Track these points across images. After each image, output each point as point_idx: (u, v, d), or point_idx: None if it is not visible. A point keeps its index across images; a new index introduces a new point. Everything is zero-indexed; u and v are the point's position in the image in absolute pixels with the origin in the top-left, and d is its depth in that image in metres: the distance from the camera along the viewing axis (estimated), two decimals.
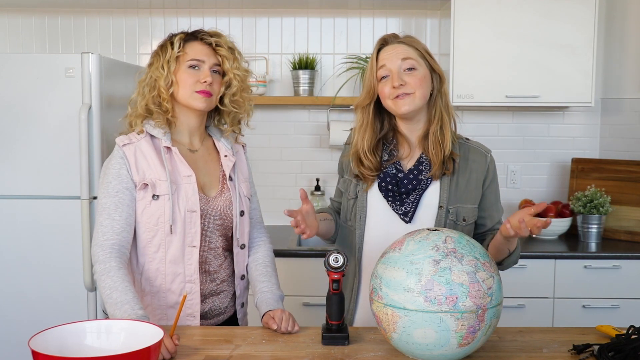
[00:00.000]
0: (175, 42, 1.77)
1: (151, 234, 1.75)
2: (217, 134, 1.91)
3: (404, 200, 1.77)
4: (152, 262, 1.76)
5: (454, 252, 1.40)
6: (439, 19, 3.44)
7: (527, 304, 2.91)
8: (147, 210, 1.74)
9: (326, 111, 3.47)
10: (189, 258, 1.77)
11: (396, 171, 1.79)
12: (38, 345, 1.23)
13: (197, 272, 1.78)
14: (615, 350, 1.46)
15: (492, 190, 1.83)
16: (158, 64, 1.77)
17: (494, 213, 1.86)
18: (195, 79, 1.76)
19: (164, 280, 1.76)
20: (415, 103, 1.72)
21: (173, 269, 1.76)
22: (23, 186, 2.66)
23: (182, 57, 1.77)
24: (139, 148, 1.76)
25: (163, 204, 1.73)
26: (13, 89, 2.63)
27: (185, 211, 1.75)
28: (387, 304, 1.41)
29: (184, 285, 1.77)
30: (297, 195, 3.47)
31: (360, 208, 1.82)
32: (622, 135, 3.35)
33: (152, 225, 1.74)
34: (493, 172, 1.83)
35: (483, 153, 1.82)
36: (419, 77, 1.72)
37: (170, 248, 1.75)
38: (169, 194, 1.73)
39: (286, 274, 2.94)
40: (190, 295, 1.78)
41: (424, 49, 1.76)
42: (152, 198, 1.73)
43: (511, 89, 3.09)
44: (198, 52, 1.78)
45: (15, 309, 2.67)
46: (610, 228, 3.19)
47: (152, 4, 3.38)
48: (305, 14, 3.46)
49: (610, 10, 3.37)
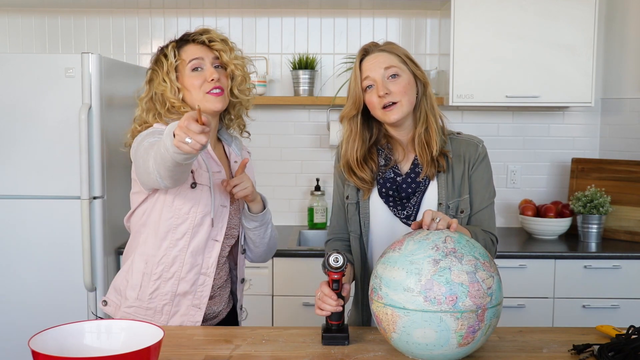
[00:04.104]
0: (170, 52, 1.77)
1: (179, 221, 1.74)
2: (228, 139, 1.92)
3: (404, 205, 1.77)
4: (174, 248, 1.76)
5: (454, 251, 1.40)
6: (439, 19, 3.44)
7: (527, 304, 2.91)
8: (182, 197, 1.73)
9: (326, 111, 3.47)
10: (209, 251, 1.78)
11: (394, 175, 1.78)
12: (38, 345, 1.23)
13: (215, 265, 1.79)
14: (615, 350, 1.46)
15: (477, 176, 1.78)
16: (158, 79, 1.77)
17: (473, 200, 1.78)
18: (201, 79, 1.76)
19: (181, 268, 1.76)
20: (403, 110, 1.72)
21: (192, 259, 1.76)
22: (23, 186, 2.66)
23: (180, 64, 1.77)
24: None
25: (200, 194, 1.73)
26: (13, 89, 2.63)
27: (219, 205, 1.76)
28: (387, 304, 1.41)
29: (198, 276, 1.78)
30: (298, 195, 3.52)
31: (364, 214, 1.81)
32: (622, 135, 3.35)
33: (183, 213, 1.73)
34: (482, 158, 1.79)
35: (475, 143, 1.80)
36: (403, 84, 1.72)
37: (195, 238, 1.75)
38: (209, 185, 1.74)
39: (286, 274, 2.94)
40: (202, 287, 1.79)
41: (404, 54, 1.75)
42: (190, 186, 1.73)
43: (511, 89, 3.09)
44: (194, 52, 1.77)
45: (15, 309, 2.67)
46: (610, 228, 3.19)
47: (152, 4, 3.38)
48: (305, 14, 3.47)
49: (610, 10, 3.37)
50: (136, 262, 1.79)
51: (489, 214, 1.79)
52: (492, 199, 1.80)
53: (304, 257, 2.94)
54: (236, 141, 1.94)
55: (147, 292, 1.77)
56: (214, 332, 1.72)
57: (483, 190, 1.78)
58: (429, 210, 1.53)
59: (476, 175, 1.78)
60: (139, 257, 1.79)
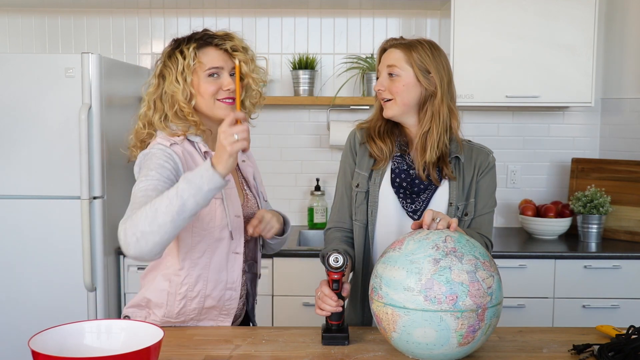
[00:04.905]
0: (189, 53, 1.66)
1: (197, 239, 1.68)
2: None
3: (414, 199, 1.78)
4: (195, 267, 1.69)
5: (454, 251, 1.40)
6: (439, 19, 3.44)
7: (527, 304, 2.91)
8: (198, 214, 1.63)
9: (326, 111, 3.47)
10: (232, 264, 1.73)
11: (407, 167, 1.79)
12: (38, 345, 1.23)
13: (240, 278, 1.75)
14: (615, 350, 1.46)
15: (484, 183, 1.81)
16: (171, 77, 1.67)
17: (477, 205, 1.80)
18: (216, 87, 1.68)
19: (205, 286, 1.71)
20: (395, 109, 1.75)
21: (216, 276, 1.71)
22: (23, 186, 2.66)
23: (198, 67, 1.67)
24: (185, 149, 1.67)
25: (214, 208, 1.66)
26: (13, 89, 2.63)
27: (234, 216, 1.70)
28: (387, 303, 1.41)
29: (224, 292, 1.74)
30: (298, 195, 3.52)
31: (372, 203, 1.81)
32: (622, 135, 3.35)
33: (200, 230, 1.67)
34: (491, 167, 1.83)
35: (486, 152, 1.85)
36: (398, 84, 1.74)
37: (215, 254, 1.70)
38: (222, 198, 1.67)
39: (286, 274, 2.94)
40: (229, 301, 1.75)
41: (417, 57, 1.75)
42: None
43: (511, 89, 3.09)
44: (215, 59, 1.69)
45: (15, 309, 2.67)
46: (610, 228, 3.19)
47: (152, 4, 3.38)
48: (305, 14, 3.47)
49: (610, 10, 3.37)
50: (158, 282, 1.73)
51: (488, 220, 1.82)
52: (493, 208, 1.84)
53: (304, 257, 2.94)
54: None
55: (174, 311, 1.73)
56: (214, 332, 1.72)
57: (487, 197, 1.81)
58: (429, 210, 1.53)
59: (483, 182, 1.81)
60: (161, 277, 1.73)
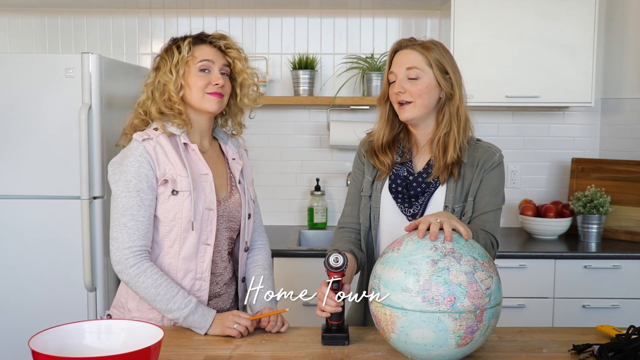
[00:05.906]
0: (184, 46, 1.78)
1: (167, 229, 1.76)
2: (224, 137, 1.94)
3: (412, 203, 1.79)
4: (166, 255, 1.77)
5: (452, 252, 1.40)
6: (439, 19, 3.44)
7: (527, 304, 2.92)
8: (165, 205, 1.75)
9: (326, 111, 3.47)
10: (202, 255, 1.78)
11: (407, 174, 1.81)
12: (38, 345, 1.23)
13: (209, 270, 1.80)
14: (615, 350, 1.46)
15: (488, 179, 1.78)
16: (165, 68, 1.78)
17: (480, 201, 1.78)
18: (206, 81, 1.78)
19: (175, 275, 1.77)
20: (415, 112, 1.75)
21: (185, 265, 1.77)
22: (23, 186, 2.66)
23: (191, 60, 1.78)
24: (159, 143, 1.76)
25: (182, 200, 1.74)
26: (13, 89, 2.63)
27: (204, 209, 1.77)
28: (386, 304, 1.41)
29: (194, 282, 1.79)
30: (297, 196, 3.52)
31: (374, 209, 1.84)
32: (622, 135, 3.35)
33: (169, 220, 1.75)
34: (497, 165, 1.79)
35: (492, 151, 1.81)
36: (420, 86, 1.73)
37: (185, 244, 1.76)
38: (189, 191, 1.74)
39: (286, 274, 2.94)
40: (199, 292, 1.79)
41: (436, 58, 1.74)
42: (172, 193, 1.74)
43: (511, 89, 3.09)
44: (208, 54, 1.80)
45: (15, 309, 2.67)
46: (610, 228, 3.19)
47: (152, 4, 3.38)
48: (305, 14, 3.47)
49: (610, 10, 3.37)
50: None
51: (494, 218, 1.78)
52: (500, 206, 1.80)
53: (304, 257, 2.94)
54: (232, 139, 1.96)
55: (145, 305, 1.77)
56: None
57: (491, 194, 1.78)
58: (428, 216, 1.51)
59: (487, 178, 1.78)
60: None
